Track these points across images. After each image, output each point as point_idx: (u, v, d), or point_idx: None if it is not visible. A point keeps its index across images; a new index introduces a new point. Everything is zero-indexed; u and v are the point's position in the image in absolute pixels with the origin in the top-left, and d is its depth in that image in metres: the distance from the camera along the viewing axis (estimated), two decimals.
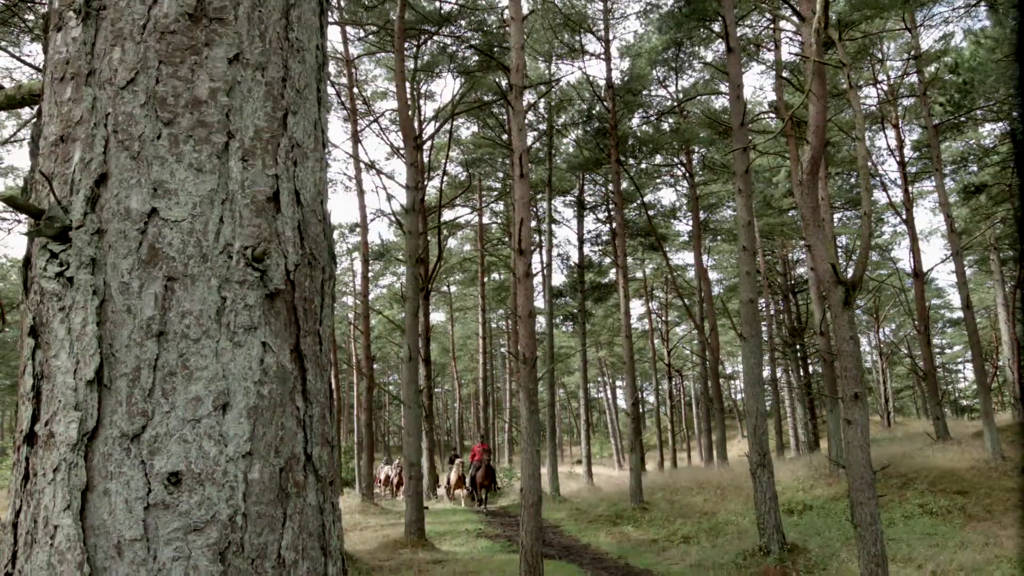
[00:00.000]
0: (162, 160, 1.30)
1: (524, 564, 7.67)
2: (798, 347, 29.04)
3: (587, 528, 15.74)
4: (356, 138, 21.51)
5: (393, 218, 18.44)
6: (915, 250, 18.48)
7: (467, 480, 20.88)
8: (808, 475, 16.56)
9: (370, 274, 28.74)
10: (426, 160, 17.39)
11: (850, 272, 8.67)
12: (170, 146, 1.31)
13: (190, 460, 1.23)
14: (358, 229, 27.89)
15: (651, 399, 52.59)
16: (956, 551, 10.46)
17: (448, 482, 23.12)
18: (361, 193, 22.26)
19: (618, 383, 54.09)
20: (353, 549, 11.71)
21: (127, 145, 1.30)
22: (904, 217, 19.22)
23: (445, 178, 21.78)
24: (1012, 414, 24.95)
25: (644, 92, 23.06)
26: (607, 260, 30.09)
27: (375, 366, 44.45)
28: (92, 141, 1.31)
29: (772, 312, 32.58)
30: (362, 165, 21.94)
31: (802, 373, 29.67)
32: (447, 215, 27.73)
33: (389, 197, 27.20)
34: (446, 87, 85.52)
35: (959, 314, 37.67)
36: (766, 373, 28.44)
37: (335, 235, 34.51)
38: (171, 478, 1.21)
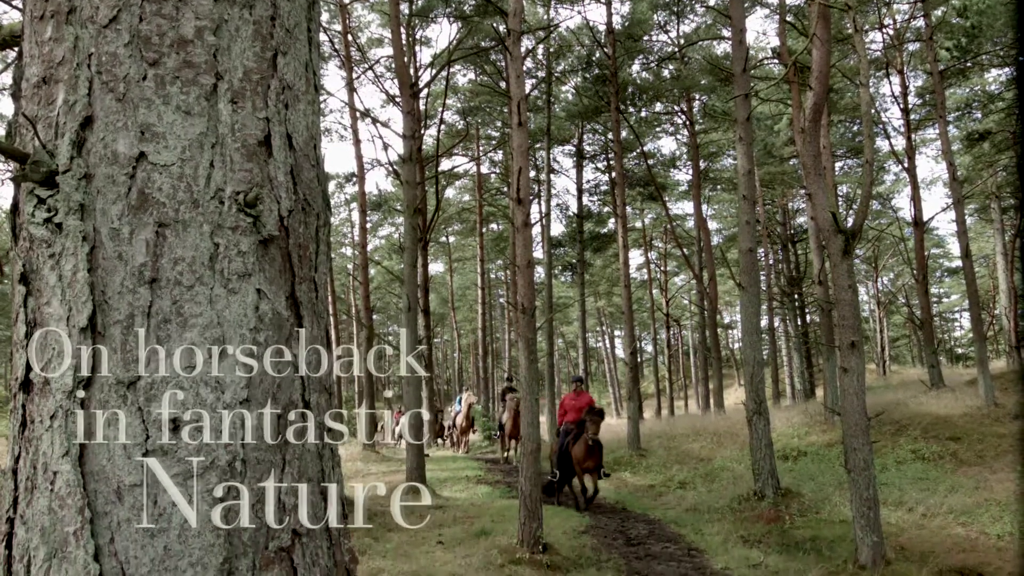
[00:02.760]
0: (148, 102, 1.27)
1: (523, 509, 7.82)
2: (796, 296, 29.14)
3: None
4: (351, 86, 21.15)
5: (390, 168, 18.27)
6: (916, 199, 18.37)
7: (501, 428, 18.68)
8: (803, 422, 16.78)
9: (368, 225, 28.63)
10: (423, 108, 17.12)
11: (850, 221, 8.62)
12: (156, 87, 1.27)
13: (187, 407, 1.23)
14: (355, 179, 27.66)
15: (649, 349, 53.01)
16: (946, 495, 10.68)
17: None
18: (357, 142, 22.01)
19: (616, 333, 54.46)
20: (355, 495, 11.93)
21: (112, 87, 1.26)
22: (906, 165, 19.06)
23: (442, 127, 21.47)
24: (1007, 362, 25.18)
25: (645, 37, 22.61)
26: (606, 210, 29.96)
27: (375, 317, 44.64)
28: (75, 83, 1.27)
29: (771, 262, 32.60)
30: (358, 114, 21.64)
31: (799, 322, 29.82)
32: (445, 165, 27.47)
33: (386, 146, 26.95)
34: (442, 33, 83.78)
35: (958, 263, 37.68)
36: (764, 322, 28.60)
37: (331, 185, 34.25)
38: (169, 425, 1.21)
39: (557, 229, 32.93)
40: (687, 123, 25.24)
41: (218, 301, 1.27)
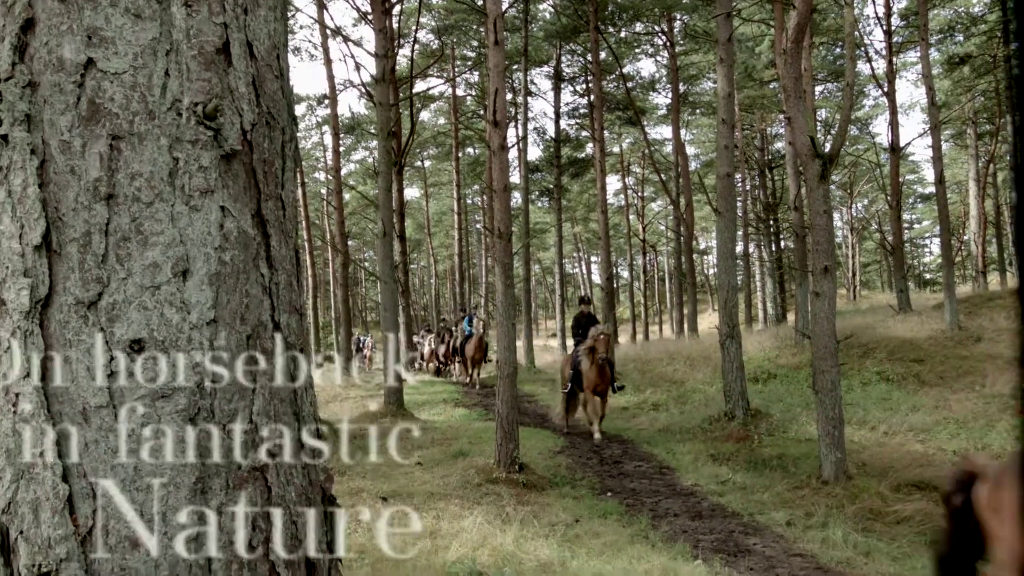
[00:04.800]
0: (95, 4, 1.18)
1: (500, 431, 7.98)
2: (771, 222, 29.32)
3: (561, 397, 16.34)
4: (321, 1, 20.31)
5: (363, 89, 17.74)
6: (894, 123, 18.32)
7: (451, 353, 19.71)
8: (774, 346, 17.17)
9: (341, 148, 28.03)
10: (396, 26, 16.51)
11: (828, 146, 8.58)
12: None
13: (152, 327, 1.19)
14: (327, 101, 26.87)
15: (625, 274, 53.39)
16: (908, 414, 11.08)
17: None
18: (328, 62, 21.30)
19: (593, 259, 54.69)
20: (334, 418, 12.10)
21: None
22: (886, 90, 18.93)
23: (416, 46, 20.78)
24: (972, 286, 25.80)
25: None
26: (584, 134, 29.58)
27: (350, 243, 44.28)
28: None
29: (748, 188, 32.62)
30: (328, 32, 20.85)
31: (774, 248, 30.11)
32: (419, 86, 26.72)
33: (358, 66, 26.11)
34: None
35: (931, 189, 38.03)
36: (739, 248, 28.83)
37: (302, 107, 33.30)
38: (133, 345, 1.18)
39: (534, 153, 32.48)
40: (667, 44, 24.70)
41: (180, 219, 1.22)
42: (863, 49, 19.11)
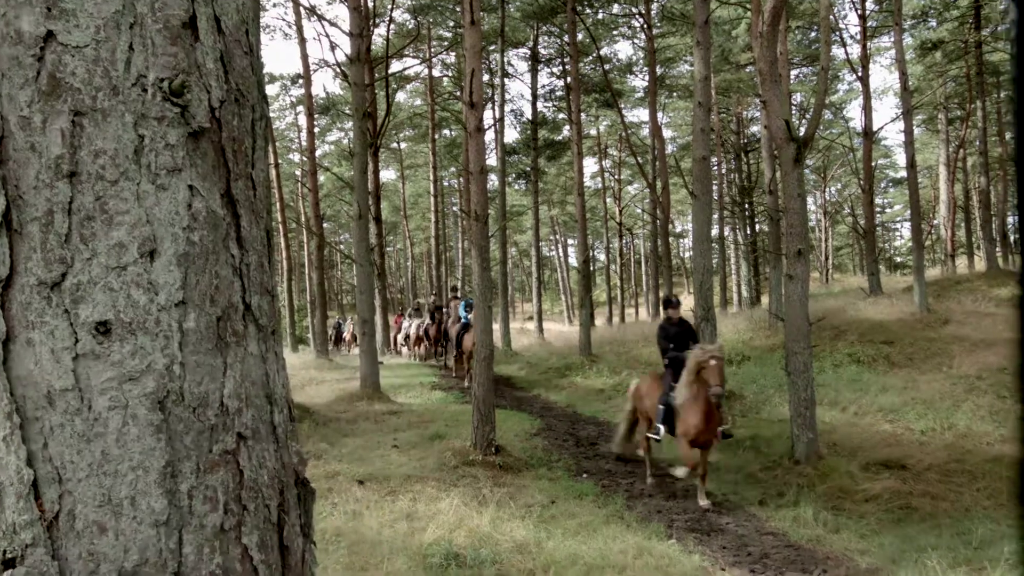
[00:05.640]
0: None
1: (477, 413, 8.00)
2: (746, 206, 29.55)
3: (538, 380, 16.43)
4: None
5: (338, 69, 17.50)
6: (867, 108, 18.51)
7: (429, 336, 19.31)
8: (748, 328, 17.37)
9: (316, 129, 27.71)
10: (371, 5, 16.28)
11: (803, 130, 8.64)
12: None
13: (118, 309, 1.16)
14: (301, 81, 26.48)
15: (602, 257, 53.57)
16: (877, 395, 11.29)
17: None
18: (302, 41, 20.99)
19: (570, 241, 54.77)
20: (310, 402, 12.04)
21: None
22: (860, 74, 19.09)
23: (392, 26, 20.50)
24: (941, 270, 26.26)
25: None
26: (561, 116, 29.51)
27: (325, 225, 43.88)
28: None
29: (723, 171, 32.82)
30: (302, 10, 20.51)
31: (749, 231, 30.38)
32: (395, 66, 26.42)
33: (333, 46, 25.78)
34: None
35: (903, 174, 38.50)
36: (714, 231, 29.05)
37: (276, 87, 32.80)
38: (99, 327, 1.15)
39: (511, 136, 32.31)
40: (645, 26, 24.64)
41: (146, 198, 1.19)
42: (838, 33, 19.26)
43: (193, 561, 1.19)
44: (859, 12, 19.36)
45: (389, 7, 17.72)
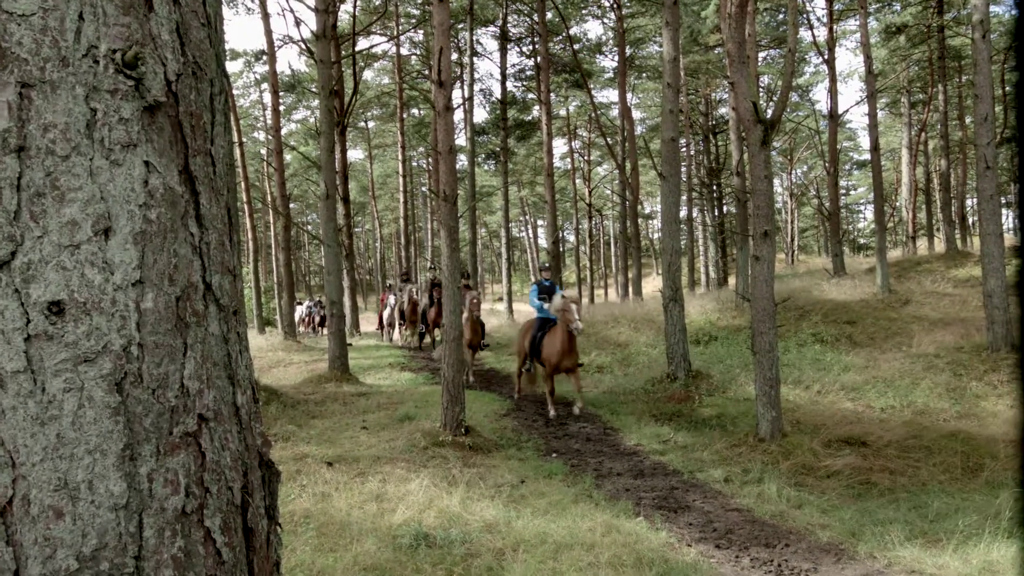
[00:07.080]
0: None
1: (446, 394, 7.99)
2: (715, 187, 29.80)
3: (507, 361, 16.46)
4: None
5: (303, 45, 17.16)
6: (833, 91, 18.73)
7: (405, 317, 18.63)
8: (715, 308, 17.59)
9: (281, 107, 27.23)
10: None
11: (770, 112, 8.72)
12: None
13: (72, 289, 1.13)
14: (265, 57, 25.94)
15: (571, 238, 53.73)
16: (840, 374, 11.53)
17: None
18: (266, 16, 20.52)
19: (539, 222, 54.78)
20: (278, 384, 11.93)
21: None
22: (826, 57, 19.28)
23: (359, 2, 20.14)
24: (903, 251, 26.83)
25: None
26: (531, 96, 29.38)
27: (292, 205, 43.28)
28: None
29: (692, 153, 33.01)
30: None
31: (716, 213, 30.67)
32: (363, 44, 26.02)
33: (298, 22, 25.31)
34: None
35: (867, 156, 39.11)
36: (683, 213, 29.26)
37: (239, 63, 32.10)
38: (52, 307, 1.12)
39: (481, 116, 32.18)
40: (614, 5, 24.58)
41: (100, 174, 1.15)
42: (805, 16, 19.41)
43: (154, 545, 1.17)
44: None
45: None
